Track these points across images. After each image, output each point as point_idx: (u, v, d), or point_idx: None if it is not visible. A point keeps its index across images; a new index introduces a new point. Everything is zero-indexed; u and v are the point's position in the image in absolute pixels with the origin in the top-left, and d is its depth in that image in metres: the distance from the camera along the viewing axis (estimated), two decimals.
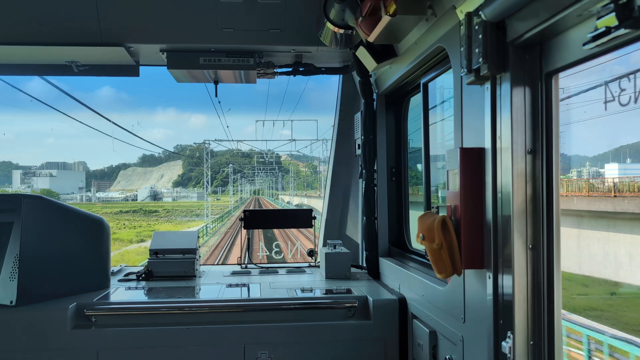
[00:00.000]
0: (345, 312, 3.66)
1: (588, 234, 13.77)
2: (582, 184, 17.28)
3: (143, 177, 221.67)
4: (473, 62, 2.27)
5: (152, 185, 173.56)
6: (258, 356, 3.51)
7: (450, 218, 2.51)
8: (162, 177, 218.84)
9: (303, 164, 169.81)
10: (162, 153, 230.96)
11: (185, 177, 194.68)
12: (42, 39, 3.91)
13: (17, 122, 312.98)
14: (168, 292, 3.89)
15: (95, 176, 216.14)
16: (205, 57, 4.22)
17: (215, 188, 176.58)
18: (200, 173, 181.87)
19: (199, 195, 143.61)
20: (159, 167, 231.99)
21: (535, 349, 2.18)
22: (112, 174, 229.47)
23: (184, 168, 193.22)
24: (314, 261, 5.02)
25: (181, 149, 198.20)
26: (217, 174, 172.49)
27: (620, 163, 25.51)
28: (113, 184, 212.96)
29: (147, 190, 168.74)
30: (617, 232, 13.46)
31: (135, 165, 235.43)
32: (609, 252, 13.53)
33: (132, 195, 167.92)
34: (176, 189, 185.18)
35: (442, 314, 2.94)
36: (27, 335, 3.41)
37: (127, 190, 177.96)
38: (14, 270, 3.52)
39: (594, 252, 13.67)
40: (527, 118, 2.18)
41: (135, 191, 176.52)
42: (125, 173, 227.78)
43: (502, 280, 2.27)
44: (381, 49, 3.62)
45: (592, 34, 1.64)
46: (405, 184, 4.35)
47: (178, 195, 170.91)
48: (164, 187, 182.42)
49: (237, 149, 48.30)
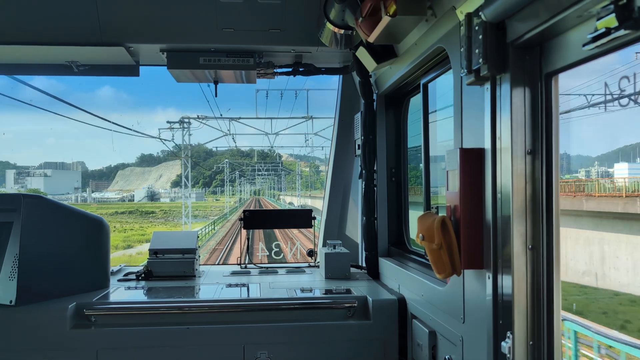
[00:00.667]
0: (344, 312, 3.66)
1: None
2: (595, 185, 17.20)
3: (141, 177, 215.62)
4: (473, 63, 2.28)
5: (150, 186, 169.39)
6: (257, 356, 3.51)
7: (449, 218, 2.51)
8: (161, 177, 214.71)
9: (305, 163, 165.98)
10: (160, 152, 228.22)
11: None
12: (42, 39, 3.91)
13: (17, 122, 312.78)
14: (167, 292, 3.89)
15: (93, 176, 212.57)
16: (205, 57, 4.23)
17: (215, 188, 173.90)
18: (199, 173, 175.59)
19: (197, 195, 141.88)
20: (158, 167, 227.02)
21: (534, 349, 2.18)
22: (111, 174, 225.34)
23: (182, 168, 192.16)
24: (313, 261, 5.02)
25: (179, 150, 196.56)
26: (217, 174, 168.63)
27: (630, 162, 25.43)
28: (111, 184, 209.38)
29: (144, 191, 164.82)
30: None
31: (134, 165, 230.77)
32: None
33: (129, 195, 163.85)
34: (174, 189, 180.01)
35: (442, 314, 2.94)
36: (27, 334, 3.41)
37: (124, 191, 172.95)
38: (13, 269, 3.52)
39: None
40: (527, 119, 2.18)
41: (132, 191, 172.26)
42: (124, 173, 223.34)
43: (502, 280, 2.27)
44: (381, 50, 3.62)
45: (592, 35, 1.64)
46: (405, 184, 4.35)
47: (176, 195, 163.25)
48: (162, 188, 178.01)
49: (236, 148, 45.32)
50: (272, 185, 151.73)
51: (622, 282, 16.76)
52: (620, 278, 16.76)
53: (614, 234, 16.53)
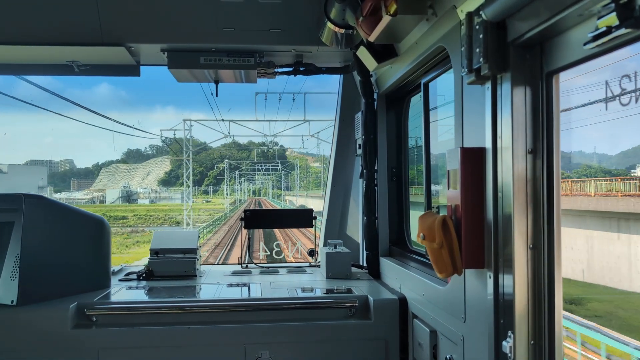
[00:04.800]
0: (345, 312, 3.66)
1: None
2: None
3: (127, 175, 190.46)
4: (474, 62, 2.27)
5: (125, 184, 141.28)
6: (259, 356, 3.51)
7: (450, 218, 2.51)
8: (149, 174, 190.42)
9: (313, 158, 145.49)
10: (148, 148, 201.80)
11: (172, 174, 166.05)
12: (42, 39, 3.92)
13: (15, 122, 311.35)
14: (168, 291, 3.90)
15: (79, 175, 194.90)
16: (206, 57, 4.23)
17: (207, 187, 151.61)
18: (188, 169, 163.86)
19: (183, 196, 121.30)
20: (145, 163, 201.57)
21: (535, 348, 2.18)
22: (96, 172, 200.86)
23: (172, 164, 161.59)
24: (314, 261, 5.03)
25: (170, 143, 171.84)
26: (210, 171, 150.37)
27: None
28: (94, 183, 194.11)
29: (118, 191, 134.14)
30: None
31: (119, 162, 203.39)
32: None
33: (101, 196, 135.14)
34: (155, 188, 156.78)
35: (443, 314, 2.94)
36: (28, 334, 3.41)
37: (94, 190, 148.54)
38: (14, 270, 3.52)
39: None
40: (528, 118, 2.18)
41: (104, 191, 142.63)
42: (108, 170, 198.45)
43: (503, 279, 2.27)
44: (382, 49, 3.62)
45: (593, 34, 1.64)
46: (406, 184, 4.36)
47: (157, 196, 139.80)
48: (140, 187, 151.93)
49: (229, 135, 39.51)
50: (274, 183, 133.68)
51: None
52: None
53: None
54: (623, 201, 13.37)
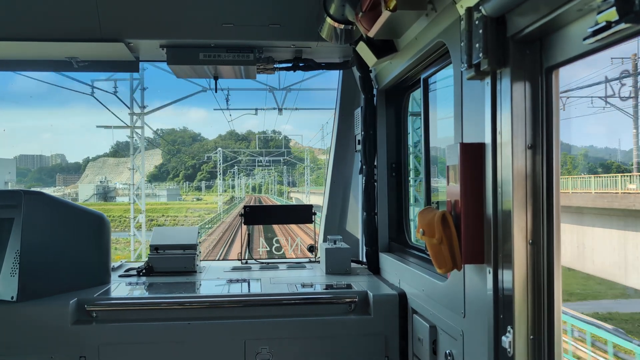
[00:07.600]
0: (345, 307, 3.67)
1: None
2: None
3: (115, 170, 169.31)
4: (473, 57, 2.27)
5: (103, 179, 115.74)
6: (259, 351, 3.52)
7: (450, 213, 2.51)
8: (137, 168, 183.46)
9: (319, 150, 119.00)
10: (138, 140, 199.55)
11: (163, 168, 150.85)
12: (41, 35, 3.91)
13: (15, 118, 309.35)
14: (168, 287, 3.91)
15: (69, 170, 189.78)
16: (205, 53, 4.22)
17: (199, 183, 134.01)
18: (179, 163, 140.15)
19: (169, 193, 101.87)
20: (136, 156, 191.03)
21: (535, 343, 2.19)
22: (83, 167, 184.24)
23: (163, 157, 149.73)
24: (314, 257, 5.03)
25: (163, 134, 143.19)
26: (203, 164, 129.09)
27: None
28: (80, 178, 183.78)
29: (93, 187, 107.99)
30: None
31: (107, 156, 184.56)
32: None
33: (74, 192, 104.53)
34: (136, 184, 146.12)
35: (442, 309, 2.95)
36: (28, 330, 3.42)
37: (66, 187, 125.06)
38: (14, 266, 3.53)
39: None
40: (528, 113, 2.18)
41: (76, 188, 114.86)
42: (95, 165, 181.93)
43: (502, 275, 2.27)
44: (381, 44, 3.62)
45: (593, 29, 1.63)
46: (406, 180, 4.36)
47: (138, 193, 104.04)
48: (120, 182, 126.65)
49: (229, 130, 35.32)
50: (277, 179, 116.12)
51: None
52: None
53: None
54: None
